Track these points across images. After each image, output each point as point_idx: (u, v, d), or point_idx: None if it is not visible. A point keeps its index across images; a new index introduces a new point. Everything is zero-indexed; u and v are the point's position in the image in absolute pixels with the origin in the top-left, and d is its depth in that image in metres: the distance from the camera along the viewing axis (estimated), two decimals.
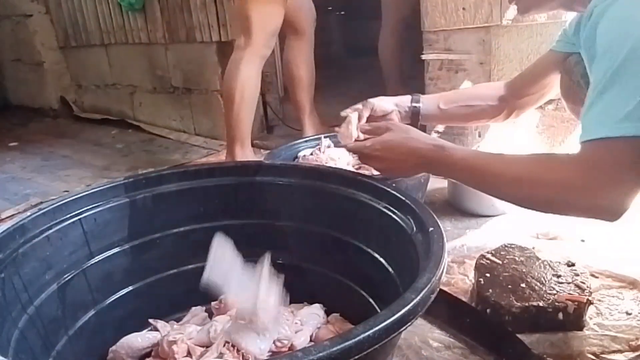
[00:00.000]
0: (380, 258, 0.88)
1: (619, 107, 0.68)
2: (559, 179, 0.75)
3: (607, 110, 0.70)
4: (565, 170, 0.75)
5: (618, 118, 0.68)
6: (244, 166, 1.11)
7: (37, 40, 3.22)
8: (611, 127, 0.69)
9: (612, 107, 0.69)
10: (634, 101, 0.67)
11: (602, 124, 0.70)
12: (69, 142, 2.81)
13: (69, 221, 0.91)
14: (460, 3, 1.60)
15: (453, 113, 1.25)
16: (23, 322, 0.78)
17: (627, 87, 0.68)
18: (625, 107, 0.67)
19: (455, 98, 1.25)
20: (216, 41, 2.33)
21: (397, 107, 1.21)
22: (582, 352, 0.89)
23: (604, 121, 0.70)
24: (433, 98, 1.26)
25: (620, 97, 0.68)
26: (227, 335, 0.80)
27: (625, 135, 0.68)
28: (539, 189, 0.78)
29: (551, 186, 0.76)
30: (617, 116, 0.68)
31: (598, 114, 0.71)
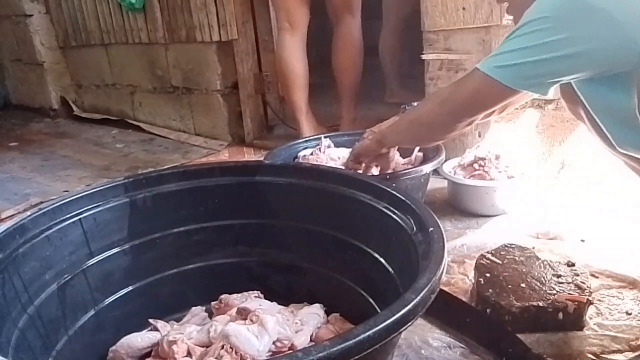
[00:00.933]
0: (380, 258, 0.88)
1: (510, 57, 0.85)
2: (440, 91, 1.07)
3: (498, 54, 0.87)
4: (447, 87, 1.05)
5: (497, 64, 0.86)
6: (244, 166, 1.11)
7: (37, 40, 3.22)
8: (490, 67, 0.87)
9: (502, 55, 0.86)
10: (517, 60, 0.83)
11: (487, 61, 0.89)
12: (69, 142, 2.81)
13: (69, 221, 0.91)
14: (460, 3, 1.60)
15: None
16: (23, 322, 0.78)
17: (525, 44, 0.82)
18: (511, 60, 0.84)
19: None
20: (216, 41, 2.33)
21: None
22: (582, 352, 0.89)
23: (490, 60, 0.88)
24: None
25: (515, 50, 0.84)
26: (225, 338, 0.80)
27: (499, 80, 0.86)
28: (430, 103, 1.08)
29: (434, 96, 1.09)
30: (498, 62, 0.87)
31: (493, 54, 0.89)
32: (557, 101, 1.57)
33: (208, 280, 1.05)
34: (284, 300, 0.99)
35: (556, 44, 0.79)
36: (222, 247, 1.07)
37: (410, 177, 1.30)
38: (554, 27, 0.79)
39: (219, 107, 2.48)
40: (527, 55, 0.82)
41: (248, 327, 0.82)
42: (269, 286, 1.03)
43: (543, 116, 1.61)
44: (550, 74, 0.83)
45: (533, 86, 0.86)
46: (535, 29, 0.81)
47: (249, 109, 2.38)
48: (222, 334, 0.80)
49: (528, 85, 0.86)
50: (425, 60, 1.75)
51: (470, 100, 0.96)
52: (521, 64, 0.83)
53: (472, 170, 1.46)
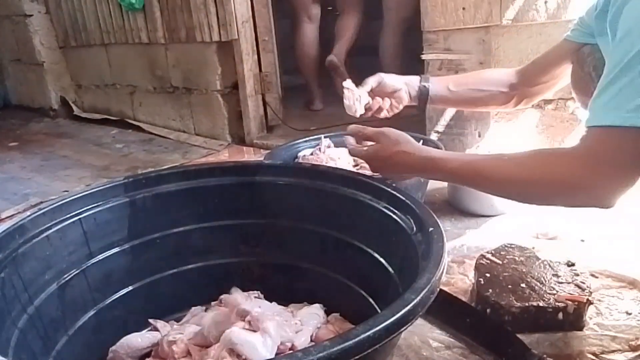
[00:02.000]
0: (380, 258, 0.88)
1: (632, 95, 0.66)
2: (565, 171, 0.73)
3: (619, 97, 0.67)
4: (570, 161, 0.74)
5: (629, 107, 0.66)
6: (244, 166, 1.11)
7: (37, 40, 3.22)
8: (621, 115, 0.66)
9: (624, 95, 0.67)
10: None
11: (612, 111, 0.68)
12: (69, 142, 2.81)
13: (68, 221, 0.91)
14: (460, 3, 1.60)
15: (462, 96, 1.23)
16: (23, 322, 0.78)
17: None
18: (636, 97, 0.65)
19: (465, 81, 1.24)
20: (216, 41, 2.33)
21: (406, 86, 1.21)
22: (582, 352, 0.89)
23: (615, 108, 0.67)
24: (442, 79, 1.26)
25: (634, 85, 0.66)
26: (229, 344, 0.79)
27: (635, 125, 0.65)
28: (543, 188, 0.77)
29: (554, 183, 0.75)
30: (628, 105, 0.66)
31: (609, 100, 0.69)
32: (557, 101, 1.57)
33: (208, 280, 1.05)
34: (284, 300, 0.99)
35: None
36: (222, 247, 1.07)
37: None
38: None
39: (219, 107, 2.48)
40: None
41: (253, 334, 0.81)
42: (269, 286, 1.03)
43: (543, 116, 1.61)
44: None
45: None
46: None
47: (249, 109, 2.38)
48: (226, 340, 0.80)
49: None
50: (425, 60, 1.75)
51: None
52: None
53: None
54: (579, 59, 1.06)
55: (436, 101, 1.27)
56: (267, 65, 2.38)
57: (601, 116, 0.69)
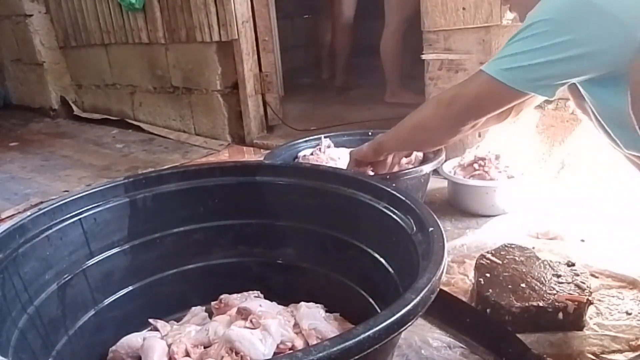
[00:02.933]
0: (380, 258, 0.88)
1: (516, 59, 0.85)
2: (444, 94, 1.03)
3: (504, 56, 0.87)
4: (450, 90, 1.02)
5: (505, 67, 0.86)
6: (244, 166, 1.11)
7: (37, 40, 3.22)
8: (497, 69, 0.87)
9: (508, 57, 0.86)
10: (524, 62, 0.83)
11: (493, 63, 0.88)
12: (69, 142, 2.80)
13: (69, 221, 0.91)
14: (460, 3, 1.60)
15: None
16: (23, 322, 0.78)
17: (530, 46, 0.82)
18: (517, 62, 0.84)
19: None
20: (216, 41, 2.33)
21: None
22: (582, 352, 0.89)
23: (496, 63, 0.88)
24: None
25: (521, 52, 0.84)
26: (228, 342, 0.79)
27: (505, 83, 0.86)
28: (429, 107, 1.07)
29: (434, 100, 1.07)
30: (504, 65, 0.86)
31: (498, 57, 0.88)
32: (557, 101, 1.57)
33: (208, 280, 1.05)
34: (284, 300, 0.98)
35: (562, 45, 0.79)
36: (222, 247, 1.07)
37: (410, 177, 1.30)
38: (560, 29, 0.79)
39: (219, 107, 2.48)
40: (534, 57, 0.82)
41: (252, 332, 0.81)
42: (269, 286, 1.03)
43: (543, 116, 1.61)
44: (558, 75, 0.84)
45: (540, 88, 0.86)
46: (541, 31, 0.81)
47: (249, 109, 2.38)
48: (225, 338, 0.80)
49: (535, 87, 0.86)
50: (426, 60, 1.75)
51: (476, 102, 0.95)
52: (528, 66, 0.83)
53: (472, 170, 1.46)
54: None
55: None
56: (267, 65, 2.38)
57: (486, 65, 0.90)
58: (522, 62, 0.84)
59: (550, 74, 0.83)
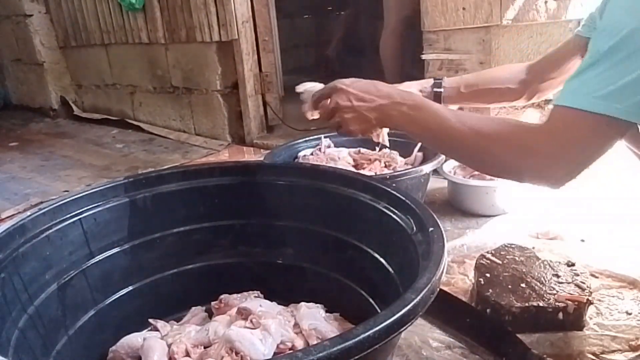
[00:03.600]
0: (380, 258, 0.88)
1: (603, 83, 0.68)
2: (521, 138, 0.77)
3: (591, 83, 0.70)
4: (532, 133, 0.77)
5: (598, 94, 0.68)
6: (244, 166, 1.11)
7: (37, 40, 3.22)
8: (589, 100, 0.69)
9: (596, 81, 0.69)
10: (619, 82, 0.67)
11: (582, 95, 0.70)
12: (69, 142, 2.81)
13: (69, 221, 0.91)
14: (460, 3, 1.60)
15: (474, 96, 1.26)
16: (23, 322, 0.78)
17: (617, 67, 0.68)
18: (608, 86, 0.68)
19: (476, 81, 1.26)
20: (216, 41, 2.33)
21: (420, 93, 1.23)
22: (582, 352, 0.89)
23: (585, 93, 0.70)
24: (454, 81, 1.28)
25: (607, 74, 0.68)
26: (228, 342, 0.79)
27: (599, 112, 0.68)
28: (498, 145, 0.79)
29: (511, 144, 0.78)
30: (598, 91, 0.68)
31: (581, 84, 0.71)
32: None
33: (208, 280, 1.05)
34: (284, 300, 0.98)
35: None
36: (222, 247, 1.07)
37: (410, 177, 1.30)
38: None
39: (219, 107, 2.48)
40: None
41: (252, 331, 0.81)
42: (269, 286, 1.03)
43: (543, 116, 1.61)
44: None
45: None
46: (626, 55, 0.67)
47: (249, 109, 2.39)
48: (226, 338, 0.80)
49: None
50: (425, 60, 1.75)
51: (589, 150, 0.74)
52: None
53: (472, 170, 1.46)
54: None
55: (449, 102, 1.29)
56: (267, 65, 2.38)
57: (570, 98, 0.72)
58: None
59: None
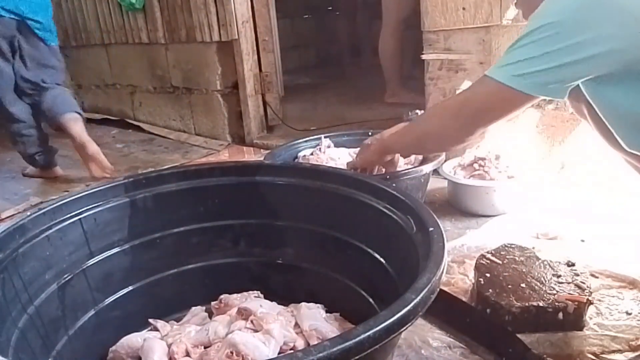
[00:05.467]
0: (380, 258, 0.88)
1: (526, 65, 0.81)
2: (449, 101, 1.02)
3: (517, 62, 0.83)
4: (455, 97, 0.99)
5: (518, 72, 0.82)
6: (244, 166, 1.11)
7: None
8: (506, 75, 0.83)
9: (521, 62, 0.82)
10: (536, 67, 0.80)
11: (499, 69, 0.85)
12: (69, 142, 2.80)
13: (69, 221, 0.91)
14: (460, 3, 1.60)
15: None
16: (23, 322, 0.78)
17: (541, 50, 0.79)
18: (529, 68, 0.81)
19: None
20: (216, 41, 2.33)
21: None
22: (582, 352, 0.89)
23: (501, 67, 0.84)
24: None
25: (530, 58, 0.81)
26: (232, 346, 0.79)
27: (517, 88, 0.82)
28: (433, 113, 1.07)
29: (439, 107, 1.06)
30: (520, 70, 0.82)
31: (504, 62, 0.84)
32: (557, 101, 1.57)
33: (208, 280, 1.05)
34: (284, 300, 0.98)
35: (577, 46, 0.76)
36: (222, 247, 1.07)
37: (410, 177, 1.30)
38: (573, 30, 0.77)
39: (219, 107, 2.48)
40: (547, 61, 0.79)
41: (254, 334, 0.81)
42: (269, 286, 1.03)
43: (543, 116, 1.61)
44: (571, 77, 0.81)
45: (553, 91, 0.83)
46: (551, 33, 0.78)
47: (249, 109, 2.38)
48: (229, 342, 0.79)
49: (548, 90, 0.83)
50: (425, 60, 1.75)
51: (485, 110, 0.91)
52: (541, 70, 0.80)
53: (472, 170, 1.46)
54: None
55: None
56: (267, 65, 2.38)
57: (491, 71, 0.86)
58: (534, 67, 0.80)
59: (564, 77, 0.80)
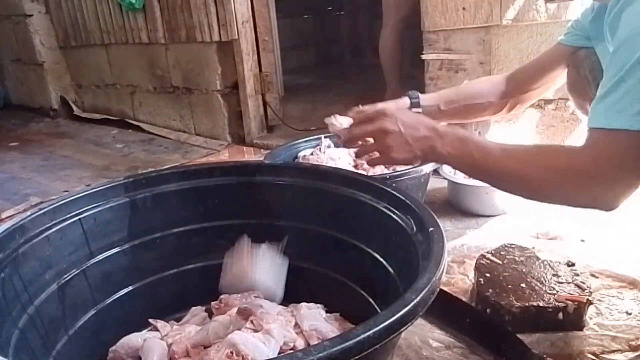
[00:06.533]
0: (380, 258, 0.88)
1: (635, 100, 0.67)
2: (568, 166, 0.74)
3: (623, 101, 0.68)
4: (575, 157, 0.74)
5: (633, 111, 0.67)
6: (244, 166, 1.11)
7: (37, 40, 3.22)
8: (627, 119, 0.67)
9: (629, 99, 0.67)
10: None
11: (617, 114, 0.68)
12: (69, 142, 2.80)
13: (69, 221, 0.91)
14: (460, 3, 1.60)
15: (454, 113, 1.24)
16: (23, 322, 0.78)
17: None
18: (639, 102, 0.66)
19: (456, 98, 1.24)
20: (216, 41, 2.33)
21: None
22: (582, 352, 0.89)
23: (619, 112, 0.68)
24: (433, 99, 1.25)
25: (636, 90, 0.67)
26: (232, 346, 0.79)
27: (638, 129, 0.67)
28: (548, 175, 0.76)
29: (560, 173, 0.75)
30: (631, 109, 0.67)
31: (613, 103, 0.69)
32: (557, 101, 1.57)
33: (208, 280, 1.05)
34: (284, 300, 0.98)
35: None
36: (222, 247, 1.06)
37: (410, 177, 1.29)
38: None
39: (219, 107, 2.48)
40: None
41: (254, 335, 0.81)
42: None
43: (543, 116, 1.61)
44: None
45: None
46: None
47: (249, 109, 2.38)
48: (229, 342, 0.79)
49: None
50: (425, 60, 1.75)
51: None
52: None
53: None
54: (575, 63, 1.07)
55: None
56: (267, 65, 2.38)
57: (606, 119, 0.70)
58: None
59: None
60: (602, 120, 0.71)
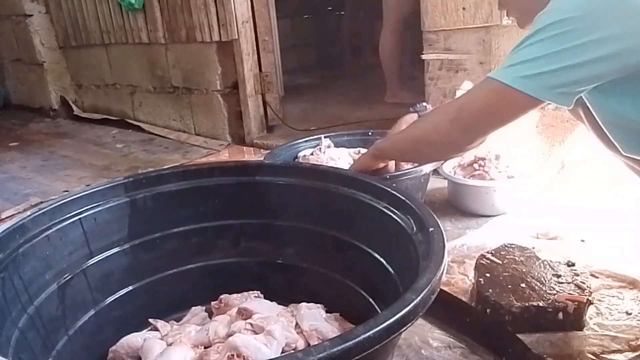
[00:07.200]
0: (380, 258, 0.88)
1: (534, 65, 0.76)
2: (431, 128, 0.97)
3: (524, 62, 0.77)
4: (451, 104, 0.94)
5: (525, 73, 0.76)
6: (244, 166, 1.11)
7: (37, 40, 3.22)
8: (515, 78, 0.78)
9: (529, 62, 0.76)
10: (546, 67, 0.75)
11: (515, 71, 0.78)
12: (69, 142, 2.80)
13: (69, 221, 0.91)
14: (460, 3, 1.60)
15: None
16: (23, 322, 0.78)
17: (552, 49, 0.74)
18: (538, 68, 0.75)
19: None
20: (216, 41, 2.33)
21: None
22: (582, 352, 0.89)
23: (514, 70, 0.78)
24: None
25: (540, 57, 0.75)
26: (234, 349, 0.79)
27: (523, 91, 0.77)
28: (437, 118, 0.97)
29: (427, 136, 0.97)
30: (527, 71, 0.76)
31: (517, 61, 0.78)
32: None
33: (208, 280, 1.05)
34: (284, 300, 0.98)
35: (590, 45, 0.71)
36: (222, 247, 1.07)
37: (410, 177, 1.29)
38: (585, 28, 0.71)
39: (219, 107, 2.48)
40: (559, 60, 0.73)
41: (256, 337, 0.81)
42: (269, 286, 1.03)
43: (543, 116, 1.61)
44: (583, 80, 0.75)
45: (561, 96, 0.77)
46: (561, 32, 0.73)
47: (249, 109, 2.38)
48: (230, 345, 0.79)
49: (556, 95, 0.76)
50: (425, 60, 1.75)
51: (486, 115, 0.85)
52: (552, 71, 0.74)
53: (472, 170, 1.46)
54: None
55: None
56: (267, 65, 2.38)
57: (504, 73, 0.80)
58: (545, 67, 0.74)
59: (577, 78, 0.74)
60: (496, 74, 0.81)
